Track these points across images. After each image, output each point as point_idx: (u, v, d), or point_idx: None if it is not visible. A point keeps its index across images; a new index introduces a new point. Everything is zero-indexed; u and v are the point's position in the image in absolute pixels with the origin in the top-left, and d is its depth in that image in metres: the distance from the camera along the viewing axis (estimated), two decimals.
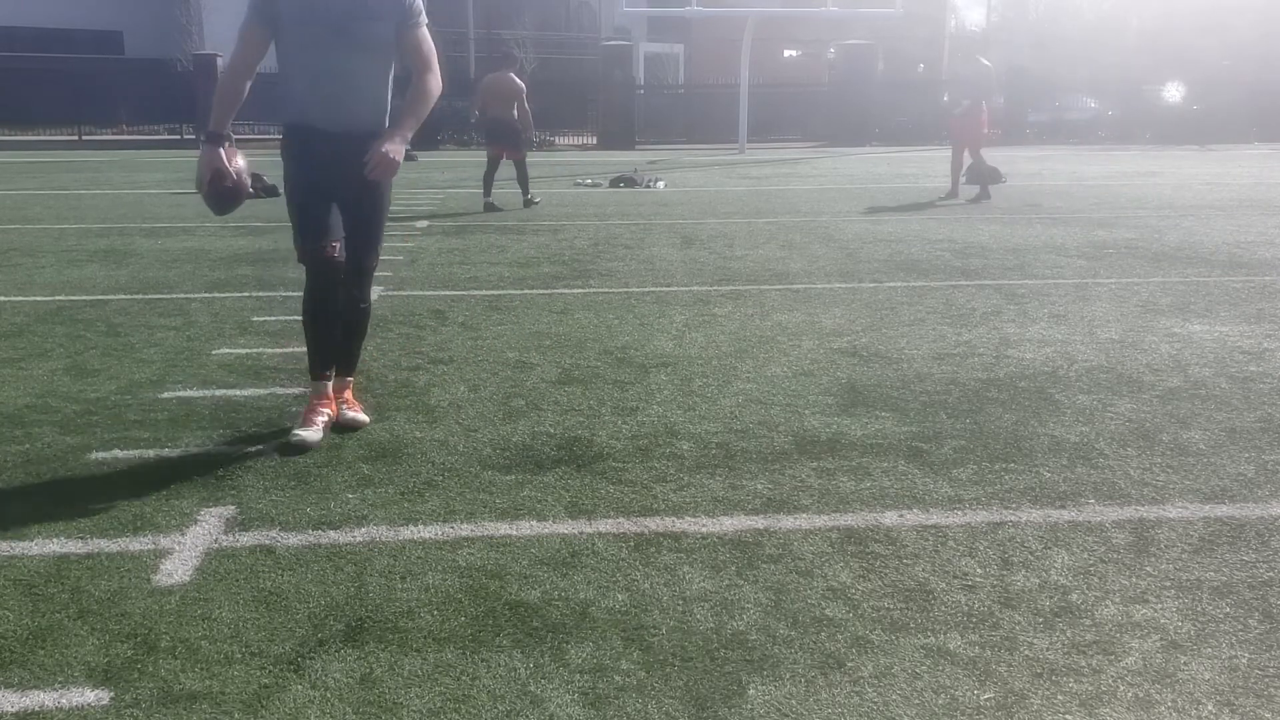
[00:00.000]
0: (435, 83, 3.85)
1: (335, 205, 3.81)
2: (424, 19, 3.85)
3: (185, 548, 3.00)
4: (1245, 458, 3.73)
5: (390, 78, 3.86)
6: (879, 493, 3.41)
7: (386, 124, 3.82)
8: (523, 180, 12.33)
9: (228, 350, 5.29)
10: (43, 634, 2.53)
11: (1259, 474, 3.58)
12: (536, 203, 12.35)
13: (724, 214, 11.52)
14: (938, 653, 2.45)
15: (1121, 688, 2.31)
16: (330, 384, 4.04)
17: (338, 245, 3.82)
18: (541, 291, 6.91)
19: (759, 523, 3.17)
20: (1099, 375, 4.82)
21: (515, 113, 12.18)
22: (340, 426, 4.01)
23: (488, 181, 12.23)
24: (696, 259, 8.27)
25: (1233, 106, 29.01)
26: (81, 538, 3.06)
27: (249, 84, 3.84)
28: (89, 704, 2.24)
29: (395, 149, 3.71)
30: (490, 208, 11.94)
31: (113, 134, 27.65)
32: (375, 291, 6.75)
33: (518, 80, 12.34)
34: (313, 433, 3.84)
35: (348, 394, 4.15)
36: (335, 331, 3.98)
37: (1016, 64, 31.91)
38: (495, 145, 12.41)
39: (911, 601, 2.69)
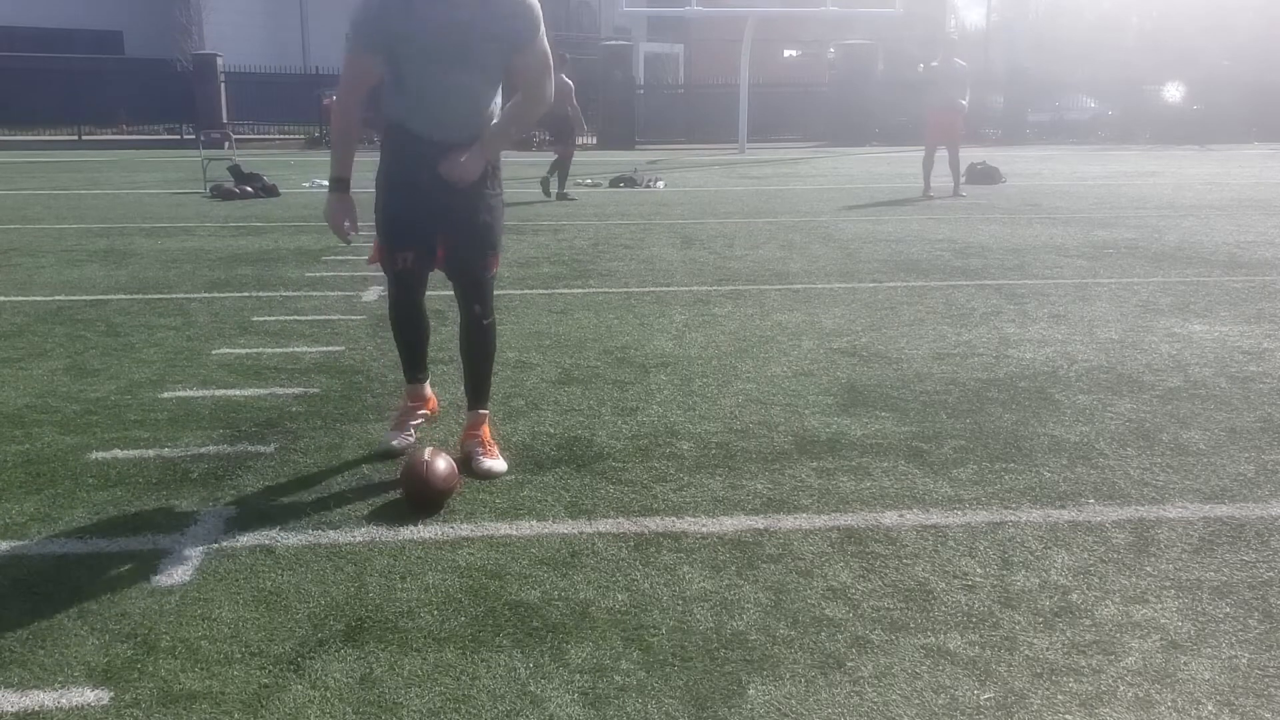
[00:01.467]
0: (542, 99, 3.58)
1: (424, 214, 3.53)
2: (540, 31, 3.47)
3: (185, 548, 3.00)
4: (1245, 458, 3.73)
5: (497, 92, 3.58)
6: (879, 493, 3.41)
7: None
8: (562, 175, 13.58)
9: (228, 350, 5.29)
10: (43, 634, 2.53)
11: (1259, 474, 3.58)
12: (550, 197, 13.40)
13: (724, 214, 11.52)
14: (938, 653, 2.45)
15: (1121, 688, 2.31)
16: (425, 386, 3.88)
17: (410, 256, 3.58)
18: (541, 291, 6.91)
19: (759, 523, 3.17)
20: (1099, 375, 4.82)
21: (568, 110, 13.61)
22: (473, 475, 3.56)
23: (561, 176, 13.59)
24: (696, 259, 8.27)
25: (1233, 106, 29.04)
26: (81, 538, 3.06)
27: (361, 114, 3.59)
28: (89, 704, 2.24)
29: (475, 163, 3.46)
30: (550, 194, 13.44)
31: (113, 134, 27.67)
32: (374, 292, 6.78)
33: (567, 80, 13.43)
34: (405, 438, 3.78)
35: (483, 431, 3.72)
36: (423, 334, 3.83)
37: (1016, 64, 31.89)
38: (557, 142, 14.05)
39: (911, 601, 2.69)
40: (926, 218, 11.11)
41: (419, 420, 3.92)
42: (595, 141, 27.99)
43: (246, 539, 3.06)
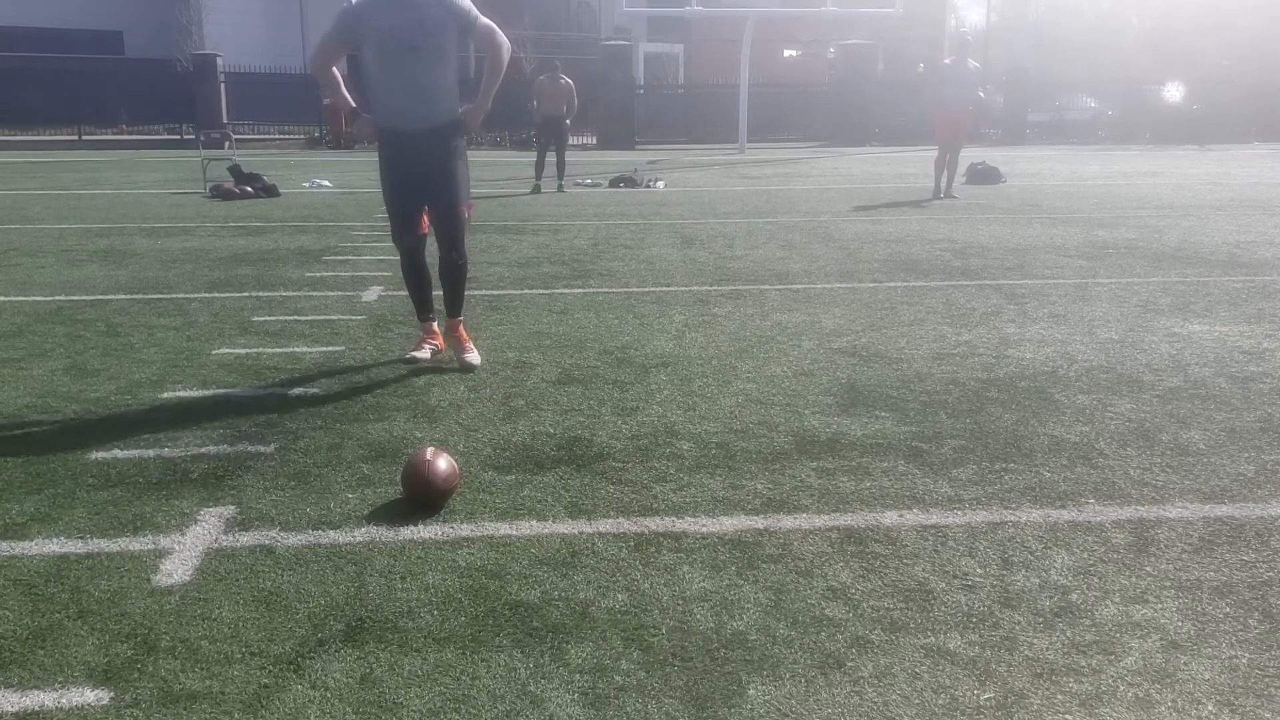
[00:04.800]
0: (501, 54, 4.70)
1: (420, 192, 4.80)
2: (478, 17, 4.66)
3: (185, 548, 3.00)
4: (1245, 458, 3.73)
5: (454, 78, 4.75)
6: (879, 493, 3.41)
7: (455, 115, 4.76)
8: (561, 168, 14.61)
9: (228, 350, 5.29)
10: (43, 634, 2.53)
11: (1259, 474, 3.58)
12: (566, 191, 14.38)
13: (724, 214, 11.52)
14: (938, 653, 2.45)
15: (1121, 688, 2.31)
16: (434, 324, 5.16)
17: (415, 234, 4.94)
18: (541, 291, 6.91)
19: (759, 523, 3.17)
20: (1099, 375, 4.82)
21: (564, 110, 14.54)
22: (459, 369, 4.88)
23: (539, 168, 14.68)
24: (696, 259, 8.27)
25: (1233, 106, 29.04)
26: (81, 538, 3.06)
27: (334, 69, 4.81)
28: (89, 704, 2.24)
29: (477, 117, 4.78)
30: (538, 190, 14.28)
31: (113, 134, 27.65)
32: (374, 292, 6.79)
33: (566, 80, 14.65)
34: (422, 353, 5.03)
35: (460, 331, 5.07)
36: (427, 288, 5.08)
37: (1016, 64, 31.89)
38: (545, 139, 14.91)
39: (911, 601, 2.69)
40: (926, 218, 11.11)
41: (433, 344, 5.08)
42: (595, 141, 28.01)
43: (246, 539, 3.06)
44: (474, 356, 4.98)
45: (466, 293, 5.13)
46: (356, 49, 4.68)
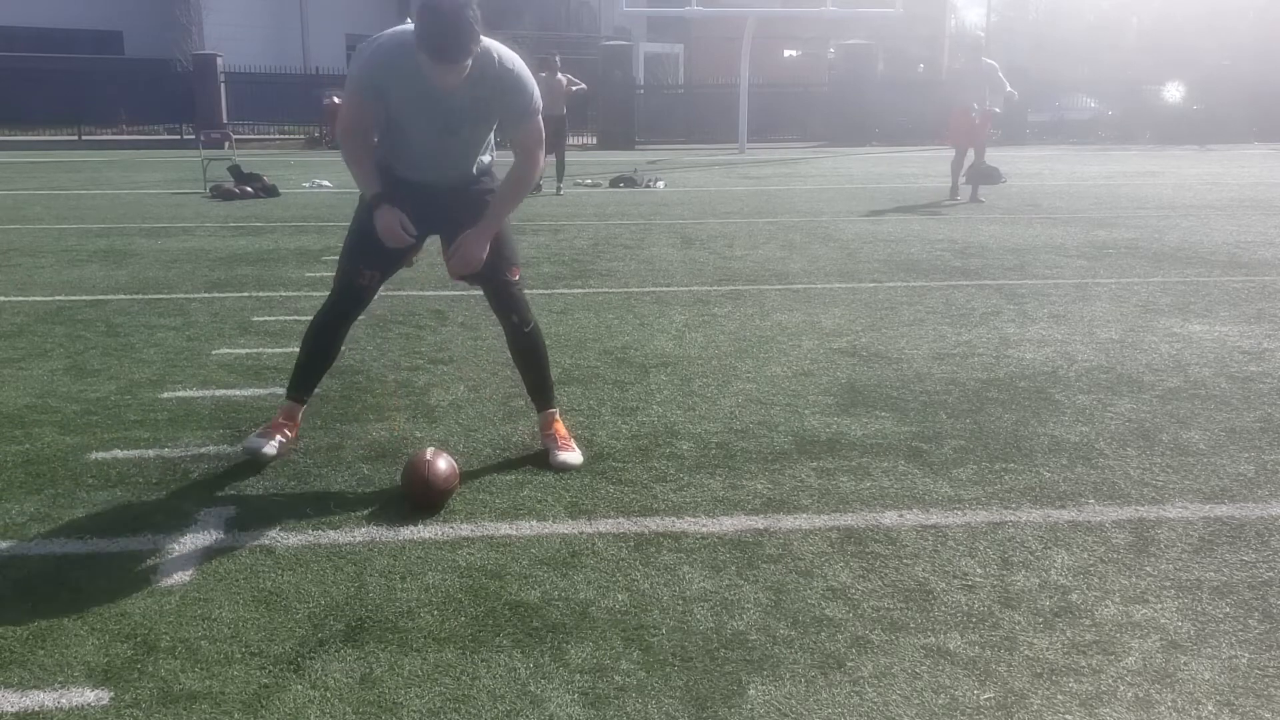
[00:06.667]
0: (534, 171, 3.64)
1: (435, 224, 3.66)
2: (536, 111, 3.52)
3: (185, 548, 3.00)
4: (1245, 458, 3.73)
5: (490, 142, 3.72)
6: (879, 493, 3.41)
7: (479, 172, 3.71)
8: (560, 169, 14.34)
9: (228, 350, 5.29)
10: (43, 634, 2.53)
11: (1259, 474, 3.58)
12: (563, 194, 14.11)
13: (724, 214, 11.52)
14: (938, 653, 2.45)
15: (1121, 688, 2.31)
16: (301, 410, 3.82)
17: (376, 275, 3.69)
18: (541, 291, 6.91)
19: (759, 523, 3.17)
20: (1099, 375, 4.82)
21: (564, 109, 14.28)
22: (552, 467, 3.63)
23: (559, 174, 14.38)
24: (696, 259, 8.27)
25: (1233, 106, 29.02)
26: (81, 538, 3.06)
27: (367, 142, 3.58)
28: (89, 704, 2.24)
29: (480, 246, 3.55)
30: (538, 189, 13.58)
31: (113, 134, 27.62)
32: None
33: (560, 77, 14.42)
34: (269, 446, 3.63)
35: (556, 427, 3.79)
36: (326, 360, 3.82)
37: (1016, 64, 31.87)
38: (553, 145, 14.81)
39: (911, 601, 2.69)
40: (926, 218, 11.11)
41: (285, 439, 3.72)
42: (595, 141, 27.99)
43: (246, 539, 3.06)
44: (574, 456, 3.69)
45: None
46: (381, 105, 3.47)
